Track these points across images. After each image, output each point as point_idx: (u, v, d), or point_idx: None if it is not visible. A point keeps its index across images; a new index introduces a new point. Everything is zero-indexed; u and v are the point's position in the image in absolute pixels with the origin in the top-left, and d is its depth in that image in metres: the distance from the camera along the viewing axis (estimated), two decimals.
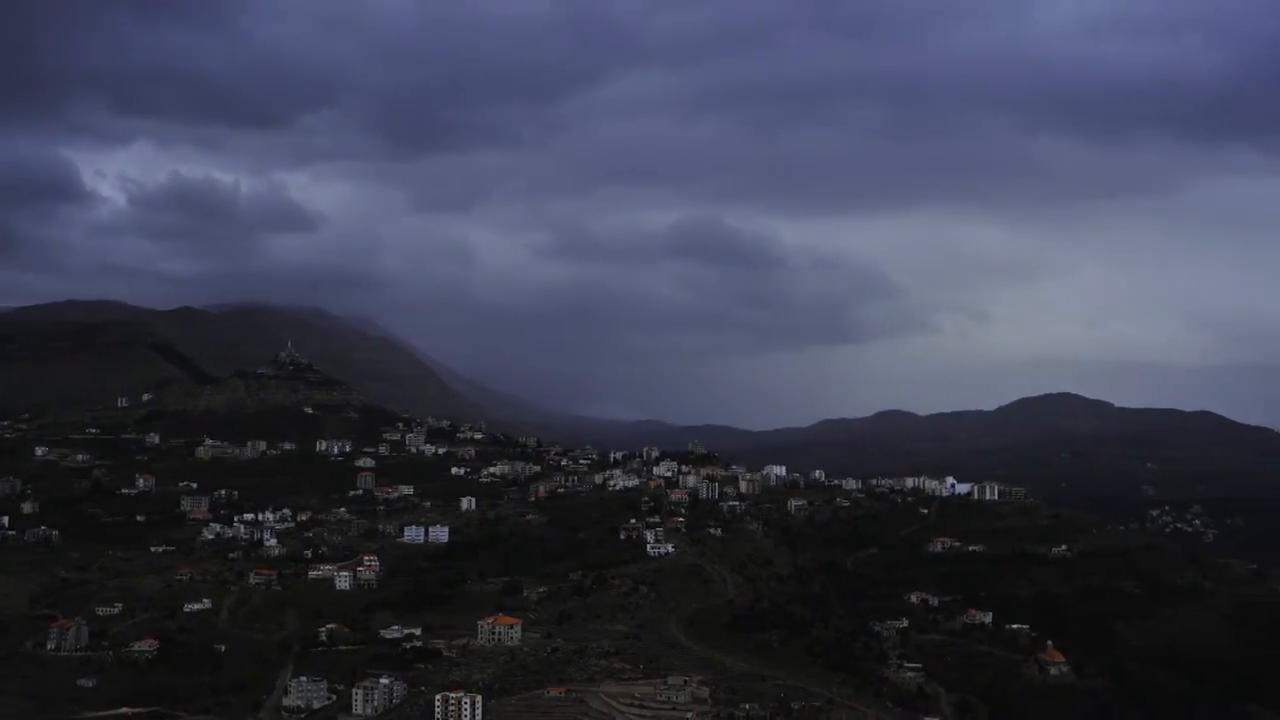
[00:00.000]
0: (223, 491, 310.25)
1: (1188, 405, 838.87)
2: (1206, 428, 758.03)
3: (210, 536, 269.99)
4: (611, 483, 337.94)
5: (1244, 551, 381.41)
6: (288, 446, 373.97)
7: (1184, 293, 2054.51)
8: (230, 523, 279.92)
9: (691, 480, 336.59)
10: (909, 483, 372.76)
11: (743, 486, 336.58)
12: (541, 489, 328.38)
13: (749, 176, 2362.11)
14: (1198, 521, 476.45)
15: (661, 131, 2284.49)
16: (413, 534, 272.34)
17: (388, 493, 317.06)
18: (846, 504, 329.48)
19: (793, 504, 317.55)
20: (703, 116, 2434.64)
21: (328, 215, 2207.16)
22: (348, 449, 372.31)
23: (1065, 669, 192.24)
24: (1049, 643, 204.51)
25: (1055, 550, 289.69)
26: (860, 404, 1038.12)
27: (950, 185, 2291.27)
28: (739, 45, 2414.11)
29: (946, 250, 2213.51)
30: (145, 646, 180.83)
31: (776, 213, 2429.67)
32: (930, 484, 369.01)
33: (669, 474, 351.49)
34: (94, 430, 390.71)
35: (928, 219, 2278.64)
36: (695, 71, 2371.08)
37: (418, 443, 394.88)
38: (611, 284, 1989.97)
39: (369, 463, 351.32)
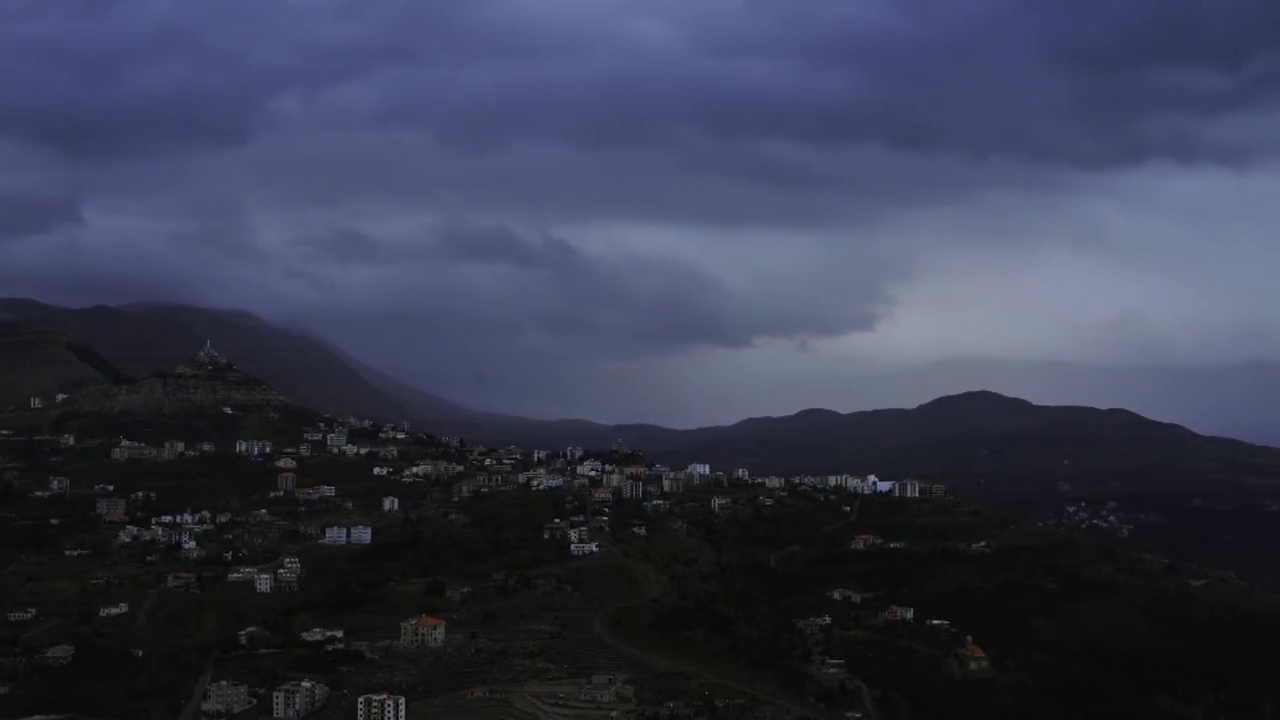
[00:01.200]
0: (140, 493, 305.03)
1: (1102, 403, 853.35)
2: (1120, 425, 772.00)
3: (127, 539, 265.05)
4: (535, 482, 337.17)
5: (1157, 546, 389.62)
6: (207, 447, 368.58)
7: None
8: (147, 525, 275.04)
9: (615, 479, 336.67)
10: (831, 481, 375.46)
11: (667, 485, 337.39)
12: (465, 489, 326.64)
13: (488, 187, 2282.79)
14: (1113, 517, 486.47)
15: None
16: (335, 535, 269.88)
17: (309, 493, 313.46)
18: (770, 502, 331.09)
19: (716, 502, 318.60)
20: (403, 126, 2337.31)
21: None
22: (268, 449, 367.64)
23: (985, 663, 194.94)
24: (969, 638, 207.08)
25: (975, 546, 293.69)
26: (781, 403, 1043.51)
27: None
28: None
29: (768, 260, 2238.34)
30: (60, 652, 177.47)
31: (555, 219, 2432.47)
32: (852, 482, 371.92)
33: (593, 473, 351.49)
34: (6, 432, 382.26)
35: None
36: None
37: (339, 443, 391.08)
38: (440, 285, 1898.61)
39: (290, 463, 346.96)
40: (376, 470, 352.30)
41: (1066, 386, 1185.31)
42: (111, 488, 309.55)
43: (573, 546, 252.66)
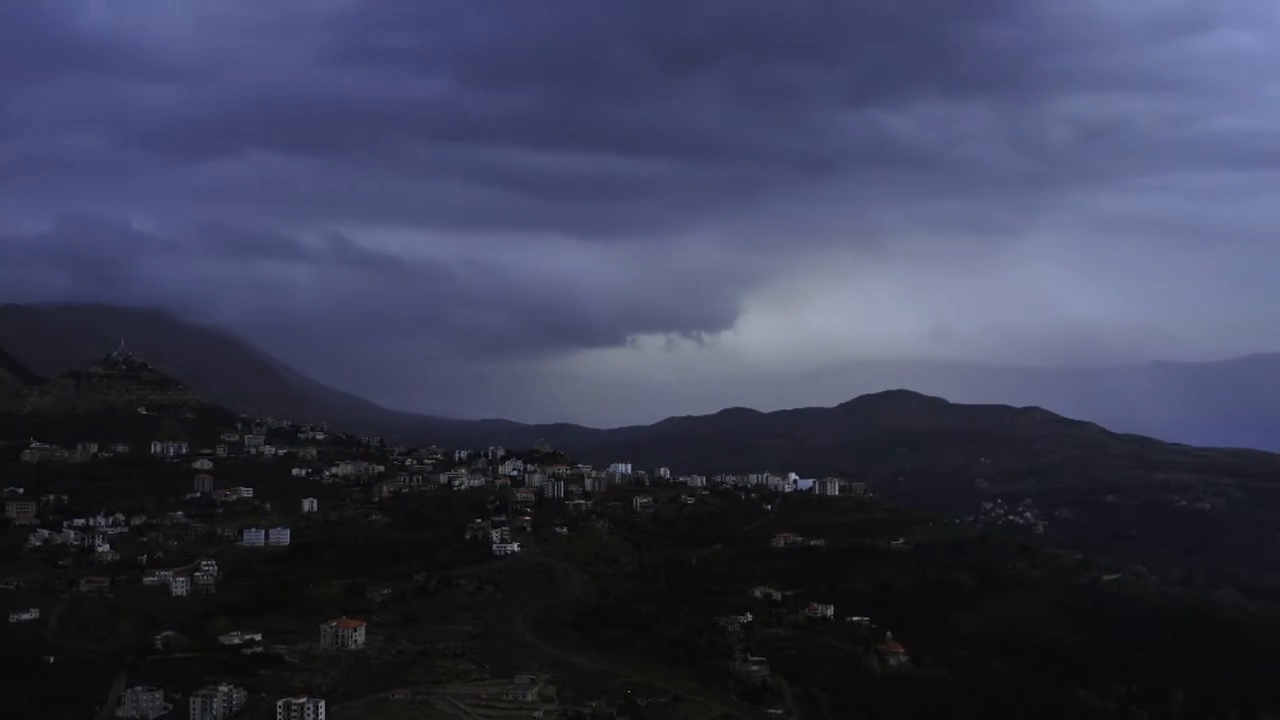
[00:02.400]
0: (51, 496, 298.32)
1: (1017, 401, 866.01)
2: (1035, 423, 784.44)
3: (38, 543, 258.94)
4: (457, 482, 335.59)
5: (1071, 541, 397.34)
6: (120, 448, 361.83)
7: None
8: (59, 528, 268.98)
9: (537, 479, 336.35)
10: (753, 479, 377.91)
11: (588, 485, 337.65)
12: (385, 489, 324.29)
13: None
14: (1028, 514, 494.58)
15: None
16: (253, 537, 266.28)
17: (226, 495, 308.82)
18: (691, 501, 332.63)
19: (638, 502, 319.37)
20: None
21: None
22: (184, 450, 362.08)
23: (904, 659, 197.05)
24: (888, 634, 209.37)
25: (894, 543, 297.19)
26: (705, 402, 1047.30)
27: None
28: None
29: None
30: None
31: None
32: (773, 480, 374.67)
33: (515, 473, 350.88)
34: None
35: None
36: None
37: (258, 443, 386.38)
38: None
39: (207, 464, 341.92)
40: (295, 471, 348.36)
41: (983, 386, 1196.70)
42: (21, 490, 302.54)
43: (495, 547, 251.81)
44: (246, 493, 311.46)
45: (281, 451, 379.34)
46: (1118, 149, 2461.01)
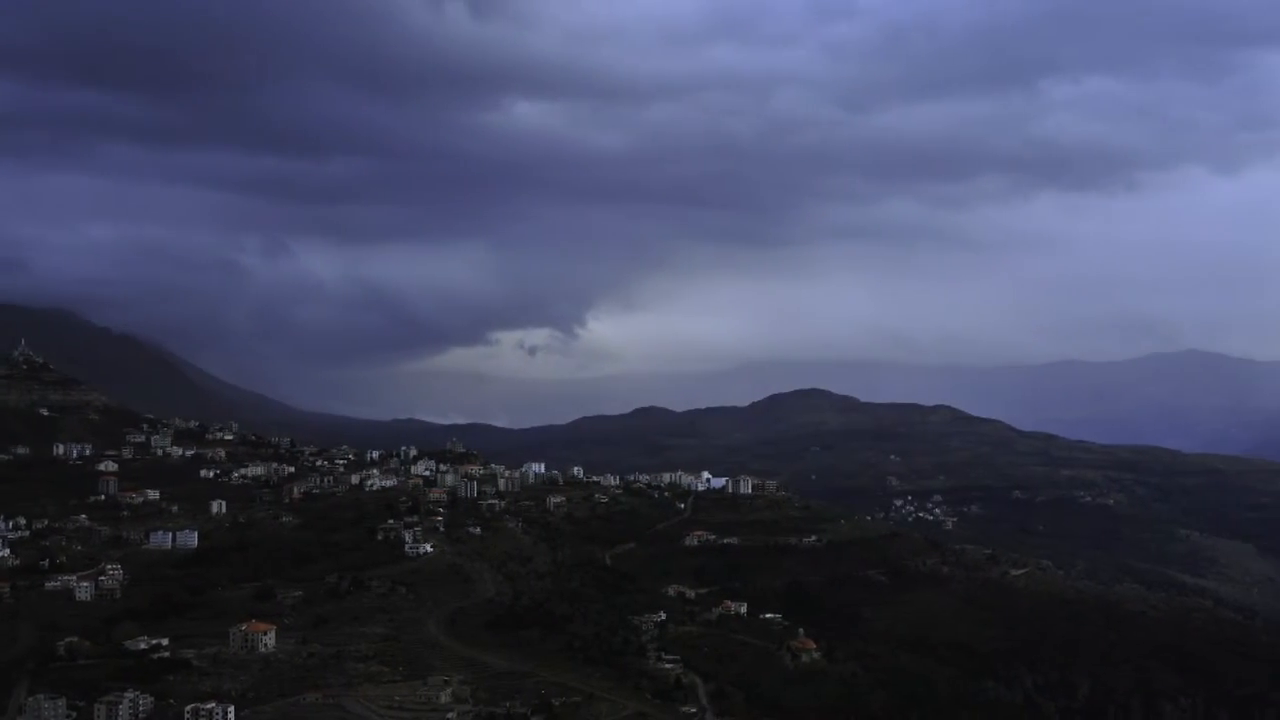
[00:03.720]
0: None
1: (927, 400, 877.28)
2: (944, 421, 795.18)
3: None
4: (369, 483, 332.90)
5: (979, 537, 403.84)
6: (21, 450, 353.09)
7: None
8: None
9: (450, 479, 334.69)
10: (666, 478, 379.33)
11: (502, 485, 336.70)
12: (296, 491, 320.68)
13: None
14: (938, 510, 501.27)
15: None
16: (159, 540, 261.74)
17: (132, 497, 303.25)
18: (605, 500, 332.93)
19: (552, 501, 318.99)
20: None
21: None
22: (88, 452, 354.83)
23: (816, 655, 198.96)
24: (801, 631, 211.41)
25: (806, 541, 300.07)
26: (618, 401, 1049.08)
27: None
28: None
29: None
30: None
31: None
32: (686, 479, 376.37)
33: (427, 473, 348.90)
34: None
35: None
36: None
37: (164, 444, 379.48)
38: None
39: (112, 466, 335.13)
40: (204, 472, 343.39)
41: (891, 384, 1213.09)
42: None
43: (407, 547, 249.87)
44: (153, 495, 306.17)
45: (189, 453, 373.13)
46: None
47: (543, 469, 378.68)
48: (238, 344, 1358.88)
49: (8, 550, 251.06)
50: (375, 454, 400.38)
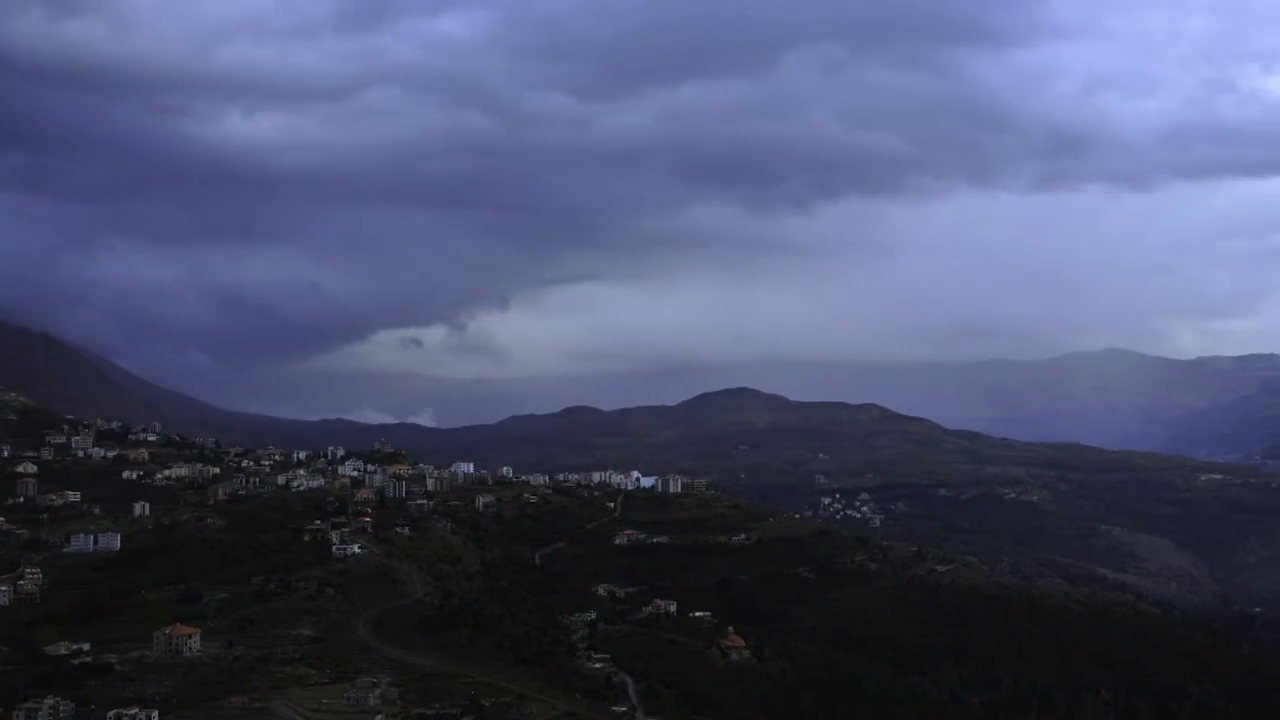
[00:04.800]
0: None
1: (854, 398, 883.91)
2: (872, 419, 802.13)
3: None
4: (295, 483, 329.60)
5: (906, 534, 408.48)
6: None
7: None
8: None
9: (378, 479, 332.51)
10: (595, 477, 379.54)
11: (430, 484, 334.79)
12: (221, 491, 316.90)
13: None
14: (865, 508, 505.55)
15: None
16: (80, 543, 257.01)
17: (52, 499, 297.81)
18: (534, 499, 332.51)
19: (481, 501, 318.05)
20: None
21: None
22: (6, 453, 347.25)
23: (746, 653, 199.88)
24: (730, 629, 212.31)
25: (735, 539, 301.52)
26: (547, 401, 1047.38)
27: None
28: None
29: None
30: None
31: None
32: (616, 478, 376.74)
33: (355, 473, 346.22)
34: None
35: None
36: None
37: (85, 445, 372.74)
38: None
39: (30, 468, 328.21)
40: (126, 474, 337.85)
41: (819, 382, 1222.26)
42: None
43: (334, 548, 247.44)
44: (74, 497, 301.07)
45: (111, 454, 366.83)
46: None
47: (472, 469, 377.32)
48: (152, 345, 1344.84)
49: None
50: (302, 454, 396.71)
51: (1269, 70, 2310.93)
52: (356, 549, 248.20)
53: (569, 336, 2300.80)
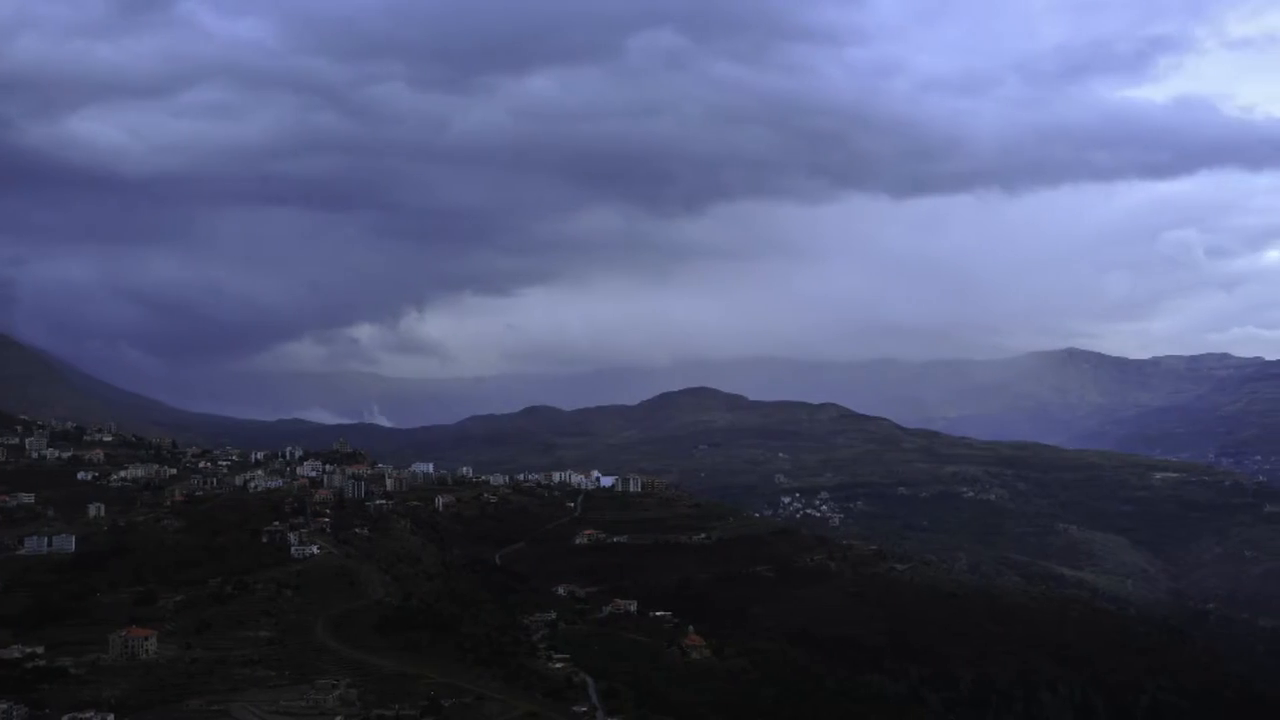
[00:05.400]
0: None
1: (814, 398, 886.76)
2: (831, 419, 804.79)
3: None
4: (253, 484, 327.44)
5: (866, 533, 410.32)
6: None
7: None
8: None
9: (337, 479, 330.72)
10: (556, 477, 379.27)
11: (389, 485, 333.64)
12: (178, 492, 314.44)
13: None
14: (825, 507, 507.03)
15: None
16: (34, 545, 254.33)
17: (6, 501, 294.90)
18: (494, 500, 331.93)
19: (440, 501, 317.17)
20: None
21: None
22: None
23: (706, 652, 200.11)
24: (690, 628, 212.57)
25: (695, 539, 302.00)
26: (507, 400, 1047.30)
27: None
28: None
29: None
30: None
31: None
32: (576, 478, 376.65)
33: (313, 474, 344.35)
34: None
35: None
36: None
37: (40, 446, 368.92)
38: None
39: None
40: (81, 475, 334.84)
41: (779, 382, 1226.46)
42: None
43: (293, 549, 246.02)
44: (28, 498, 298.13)
45: (66, 454, 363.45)
46: None
47: (431, 469, 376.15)
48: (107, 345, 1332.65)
49: None
50: (260, 455, 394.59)
51: (1105, 77, 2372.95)
52: (315, 550, 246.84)
53: (498, 338, 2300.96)
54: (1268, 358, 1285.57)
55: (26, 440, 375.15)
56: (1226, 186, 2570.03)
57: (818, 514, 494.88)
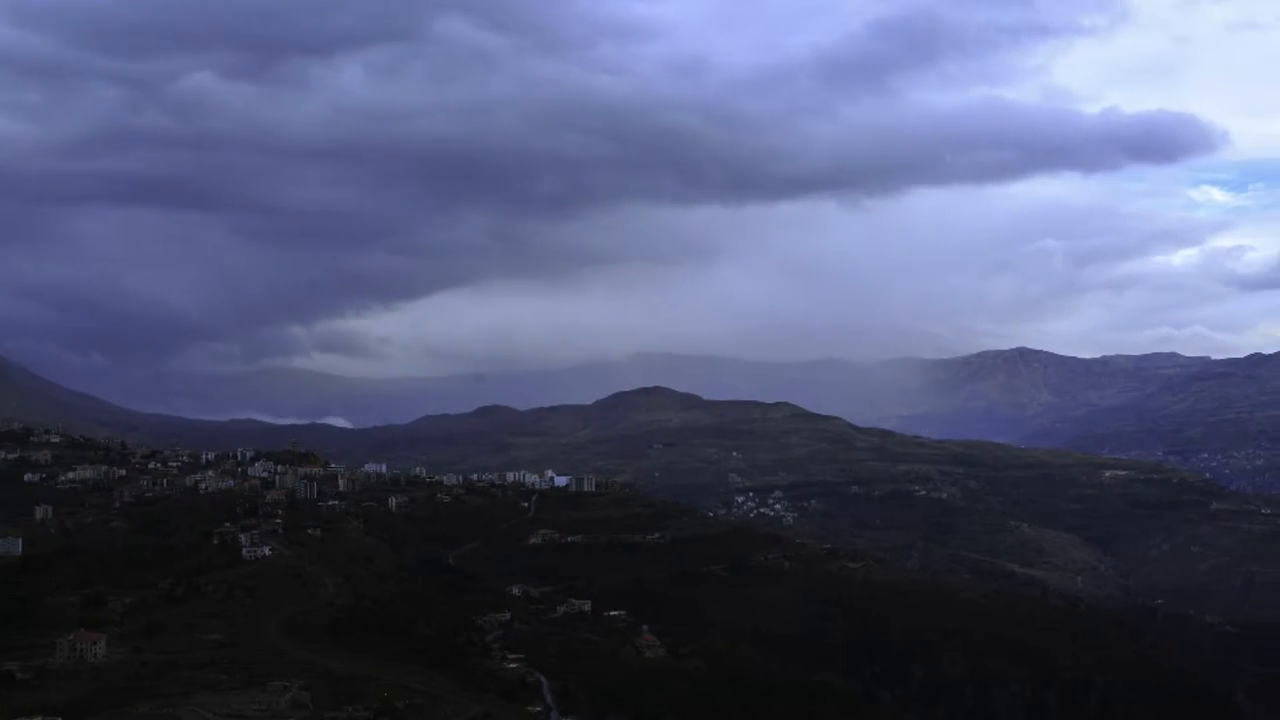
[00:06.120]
0: None
1: (768, 397, 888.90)
2: (785, 418, 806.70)
3: None
4: (204, 485, 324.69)
5: (819, 532, 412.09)
6: None
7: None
8: None
9: (289, 480, 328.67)
10: (510, 477, 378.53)
11: (342, 485, 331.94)
12: (127, 494, 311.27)
13: None
14: (779, 506, 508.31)
15: None
16: None
17: None
18: (448, 500, 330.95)
19: (394, 501, 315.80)
20: None
21: None
22: None
23: (661, 651, 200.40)
24: (645, 627, 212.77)
25: (650, 538, 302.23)
26: (461, 400, 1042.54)
27: None
28: None
29: None
30: None
31: None
32: (530, 477, 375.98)
33: (265, 474, 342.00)
34: None
35: None
36: None
37: None
38: None
39: None
40: (28, 476, 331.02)
41: (733, 381, 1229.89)
42: None
43: (244, 551, 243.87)
44: None
45: (11, 456, 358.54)
46: None
47: (384, 469, 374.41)
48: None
49: None
50: (211, 455, 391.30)
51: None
52: (267, 551, 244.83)
53: (423, 339, 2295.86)
54: (1214, 356, 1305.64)
55: None
56: (1109, 189, 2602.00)
57: (771, 513, 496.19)
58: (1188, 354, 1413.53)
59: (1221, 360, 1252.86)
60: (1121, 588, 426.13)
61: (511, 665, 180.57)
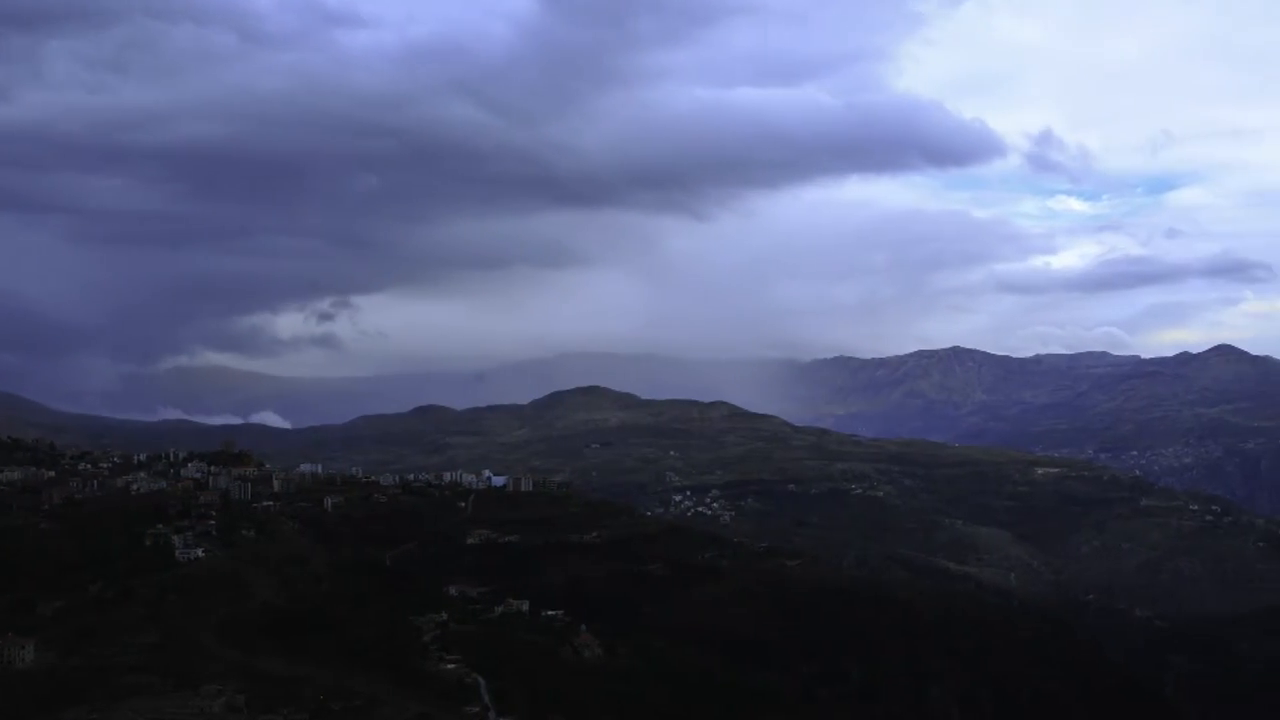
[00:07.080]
0: None
1: (705, 396, 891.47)
2: (722, 417, 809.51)
3: None
4: (136, 486, 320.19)
5: (756, 530, 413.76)
6: None
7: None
8: None
9: (223, 481, 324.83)
10: (446, 476, 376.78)
11: (277, 486, 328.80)
12: (56, 495, 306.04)
13: None
14: (716, 505, 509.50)
15: None
16: None
17: None
18: (384, 500, 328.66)
19: (329, 502, 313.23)
20: None
21: None
22: None
23: (598, 651, 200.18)
24: (582, 627, 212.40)
25: (587, 537, 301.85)
26: (398, 400, 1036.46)
27: None
28: None
29: None
30: None
31: None
32: (467, 478, 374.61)
33: (199, 475, 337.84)
34: None
35: None
36: None
37: None
38: None
39: None
40: None
41: (670, 380, 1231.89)
42: None
43: (177, 553, 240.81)
44: None
45: None
46: None
47: (319, 469, 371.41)
48: None
49: None
50: (143, 456, 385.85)
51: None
52: (200, 553, 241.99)
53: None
54: (1144, 355, 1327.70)
55: None
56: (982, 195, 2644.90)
57: (709, 512, 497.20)
58: (1117, 353, 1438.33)
59: (1151, 359, 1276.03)
60: (1053, 584, 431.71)
61: (449, 666, 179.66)
